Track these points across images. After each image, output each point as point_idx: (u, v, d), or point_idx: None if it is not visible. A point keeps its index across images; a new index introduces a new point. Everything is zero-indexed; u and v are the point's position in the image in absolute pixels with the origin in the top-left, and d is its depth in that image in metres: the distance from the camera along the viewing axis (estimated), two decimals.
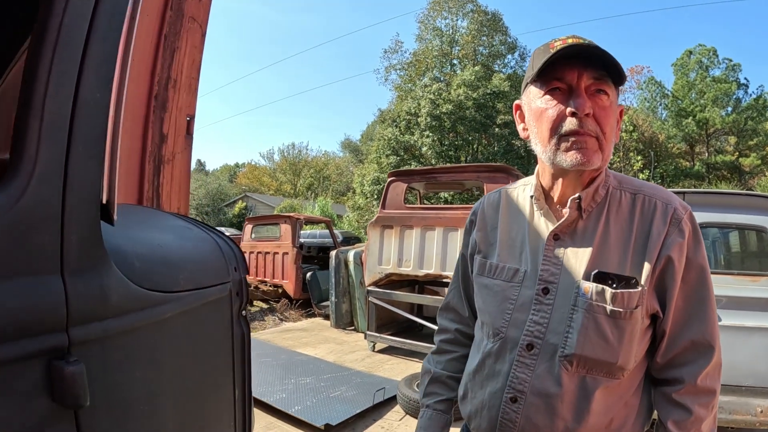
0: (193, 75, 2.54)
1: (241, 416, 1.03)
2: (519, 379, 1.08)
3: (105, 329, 0.66)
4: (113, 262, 0.69)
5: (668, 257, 1.06)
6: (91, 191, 0.67)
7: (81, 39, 0.64)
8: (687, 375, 1.09)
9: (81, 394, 0.59)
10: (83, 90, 0.65)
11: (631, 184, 1.16)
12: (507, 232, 1.23)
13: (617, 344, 1.04)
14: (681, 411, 1.08)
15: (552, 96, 1.06)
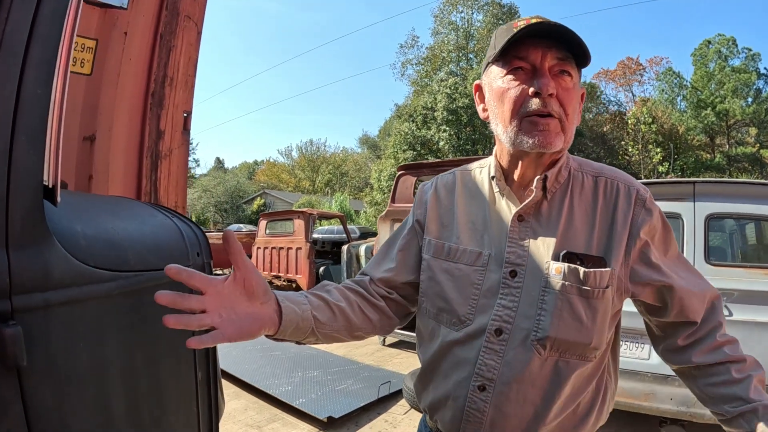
0: (189, 72, 2.61)
1: (206, 398, 1.08)
2: (488, 367, 1.03)
3: (46, 299, 0.74)
4: (57, 240, 0.76)
5: (641, 237, 1.05)
6: (33, 176, 0.73)
7: (22, 44, 0.70)
8: (712, 320, 1.09)
9: (19, 355, 0.67)
10: (25, 88, 0.71)
11: (590, 166, 1.14)
12: (466, 214, 1.17)
13: (591, 324, 1.02)
14: (731, 344, 1.07)
15: (515, 76, 1.02)
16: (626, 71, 39.95)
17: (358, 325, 1.14)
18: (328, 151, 58.33)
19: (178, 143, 2.54)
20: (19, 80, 0.71)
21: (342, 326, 1.11)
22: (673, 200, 3.76)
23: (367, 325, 1.17)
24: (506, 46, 1.00)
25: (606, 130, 36.19)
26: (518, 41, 0.99)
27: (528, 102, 0.99)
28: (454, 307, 1.10)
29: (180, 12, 2.54)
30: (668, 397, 3.22)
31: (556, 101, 0.99)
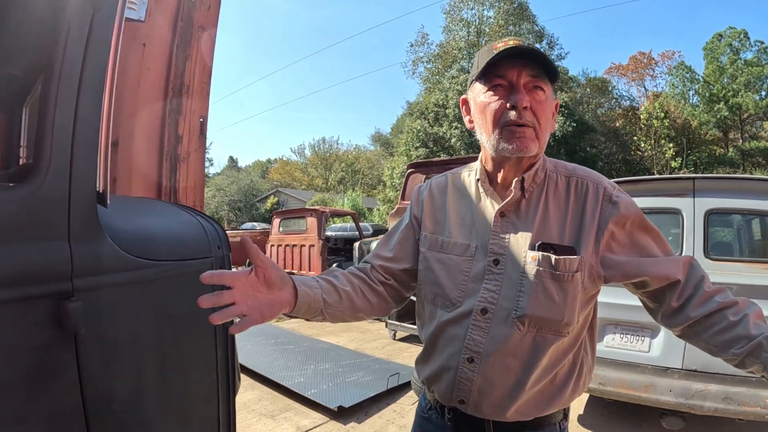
0: (204, 80, 2.79)
1: (225, 375, 1.26)
2: (475, 341, 1.19)
3: (98, 281, 0.94)
4: (107, 235, 0.94)
5: (610, 228, 1.19)
6: (88, 183, 0.92)
7: (76, 76, 0.88)
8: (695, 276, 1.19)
9: (78, 324, 0.86)
10: (80, 112, 0.90)
11: (564, 167, 1.30)
12: (456, 212, 1.34)
13: (562, 304, 1.17)
14: (721, 292, 1.17)
15: (494, 92, 1.18)
16: (638, 66, 39.57)
17: (360, 307, 1.32)
18: (341, 149, 58.59)
19: (195, 147, 2.73)
20: (75, 107, 0.90)
21: (347, 308, 1.29)
22: (673, 196, 3.82)
23: (367, 307, 1.34)
24: (487, 66, 1.17)
25: (618, 125, 35.88)
26: (498, 61, 1.16)
27: (506, 114, 1.16)
28: (447, 292, 1.27)
29: (195, 23, 2.73)
30: (668, 388, 3.31)
31: (530, 112, 1.16)
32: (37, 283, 0.85)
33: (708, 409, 3.15)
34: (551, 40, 34.54)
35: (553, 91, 1.26)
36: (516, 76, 1.16)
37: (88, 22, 0.95)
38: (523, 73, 1.16)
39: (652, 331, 3.60)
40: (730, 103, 31.55)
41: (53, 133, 0.87)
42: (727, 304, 1.15)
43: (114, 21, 0.98)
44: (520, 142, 1.16)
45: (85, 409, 0.94)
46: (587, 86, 38.72)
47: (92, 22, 0.95)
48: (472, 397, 1.20)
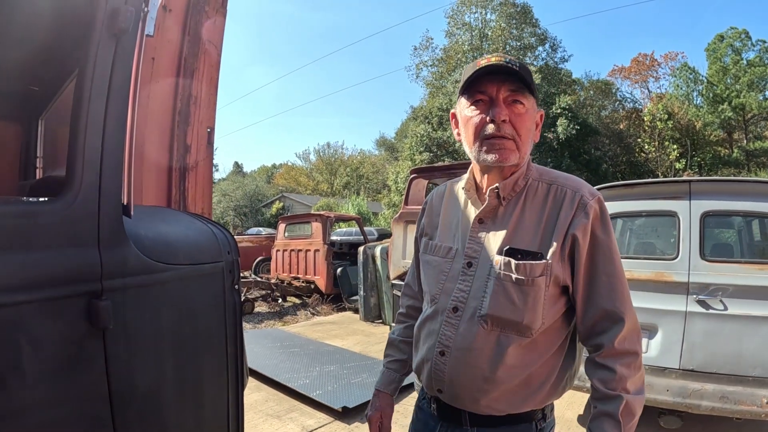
0: (211, 91, 2.92)
1: (234, 368, 1.39)
2: (446, 336, 1.29)
3: (124, 283, 1.07)
4: (132, 242, 1.06)
5: (574, 236, 1.24)
6: (115, 197, 1.04)
7: (103, 100, 1.01)
8: (606, 341, 1.23)
9: (108, 320, 0.99)
10: (107, 133, 1.03)
11: (549, 175, 1.36)
12: (445, 217, 1.45)
13: (522, 306, 1.22)
14: (605, 371, 1.22)
15: (476, 106, 1.27)
16: (641, 68, 39.54)
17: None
18: (346, 154, 58.67)
19: (203, 156, 2.86)
20: (103, 128, 1.02)
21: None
22: (669, 199, 3.89)
23: None
24: (467, 83, 1.27)
25: (622, 127, 35.83)
26: (480, 77, 1.25)
27: (486, 127, 1.25)
28: (430, 290, 1.39)
29: (201, 37, 2.86)
30: (665, 388, 3.38)
31: (509, 125, 1.24)
32: (72, 284, 0.99)
33: (705, 408, 3.22)
34: (554, 43, 34.58)
35: (537, 103, 1.34)
36: (495, 91, 1.24)
37: (113, 47, 1.07)
38: (503, 88, 1.24)
39: (649, 331, 3.67)
40: (733, 103, 31.38)
41: (84, 152, 1.00)
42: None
43: (136, 42, 1.11)
44: (500, 153, 1.24)
45: (111, 395, 1.06)
46: (590, 89, 38.66)
47: (117, 47, 1.08)
48: (446, 387, 1.30)
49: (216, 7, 2.98)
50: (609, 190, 4.15)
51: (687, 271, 3.57)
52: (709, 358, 3.33)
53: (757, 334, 3.23)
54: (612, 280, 1.26)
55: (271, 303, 9.93)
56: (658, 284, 3.66)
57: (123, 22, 1.06)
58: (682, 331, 3.46)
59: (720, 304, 3.40)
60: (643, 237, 4.94)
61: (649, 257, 4.04)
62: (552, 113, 28.48)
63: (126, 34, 1.08)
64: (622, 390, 1.20)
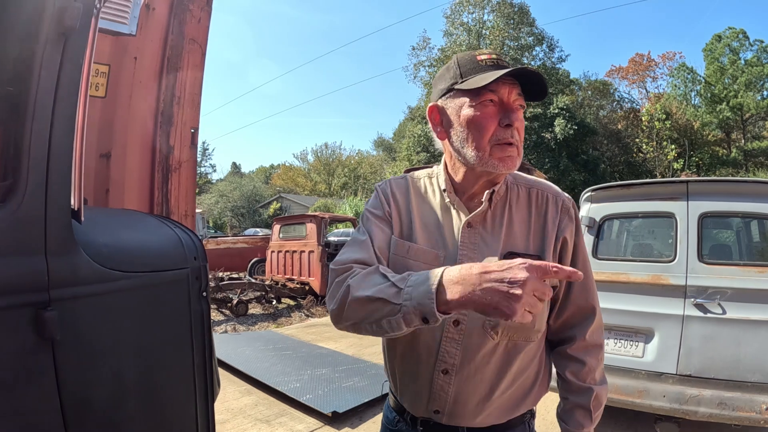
0: (195, 91, 2.84)
1: (203, 379, 1.31)
2: (449, 353, 1.20)
3: (74, 292, 1.01)
4: (82, 249, 0.99)
5: (564, 238, 1.26)
6: (63, 202, 0.97)
7: (50, 101, 0.94)
8: (578, 333, 1.30)
9: (54, 331, 0.94)
10: (55, 135, 0.96)
11: (523, 179, 1.34)
12: (420, 218, 1.31)
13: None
14: (576, 363, 1.29)
15: (486, 107, 1.17)
16: (638, 68, 39.56)
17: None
18: (344, 154, 58.67)
19: (186, 157, 2.78)
20: (49, 133, 0.96)
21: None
22: (666, 200, 3.83)
23: None
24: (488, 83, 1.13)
25: (620, 127, 35.89)
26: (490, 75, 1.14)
27: (499, 132, 1.17)
28: None
29: (185, 36, 2.78)
30: (661, 394, 3.31)
31: (516, 131, 1.19)
32: (17, 294, 0.92)
33: (702, 415, 3.15)
34: (551, 43, 34.61)
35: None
36: (507, 94, 1.17)
37: (61, 46, 0.99)
38: (513, 92, 1.18)
39: (645, 336, 3.61)
40: (731, 103, 31.41)
41: (29, 157, 0.92)
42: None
43: (87, 43, 1.03)
44: (510, 161, 1.18)
45: (63, 408, 1.00)
46: (588, 89, 38.73)
47: (66, 45, 1.00)
48: (448, 407, 1.22)
49: (201, 5, 2.91)
50: (605, 191, 4.09)
51: (684, 273, 3.51)
52: (707, 363, 3.27)
53: (756, 339, 3.16)
54: (587, 277, 1.30)
55: (265, 305, 9.85)
56: (655, 287, 3.60)
57: (71, 19, 0.98)
58: (679, 336, 3.39)
59: (718, 308, 3.33)
60: (639, 239, 4.88)
61: (646, 259, 3.97)
62: (550, 113, 28.53)
63: (75, 33, 1.00)
64: (591, 381, 1.30)
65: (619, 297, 3.74)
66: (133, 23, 2.61)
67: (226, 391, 4.79)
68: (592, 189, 4.14)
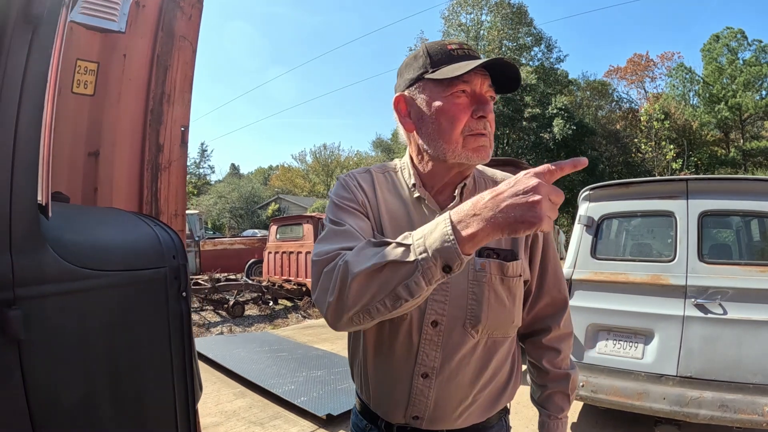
0: (185, 89, 2.79)
1: (182, 382, 1.25)
2: (429, 356, 1.15)
3: (41, 290, 0.97)
4: (49, 246, 0.95)
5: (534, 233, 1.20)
6: (30, 197, 0.92)
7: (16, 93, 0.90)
8: (552, 323, 1.35)
9: (18, 330, 0.90)
10: (21, 128, 0.91)
11: (492, 172, 1.34)
12: (389, 213, 1.24)
13: (512, 307, 1.21)
14: (552, 352, 1.36)
15: (458, 98, 1.12)
16: (637, 68, 39.61)
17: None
18: (342, 155, 58.63)
19: (176, 156, 2.73)
20: (15, 125, 0.90)
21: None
22: (666, 198, 3.79)
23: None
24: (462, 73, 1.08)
25: (619, 127, 35.94)
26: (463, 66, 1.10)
27: (471, 123, 1.13)
28: None
29: (175, 33, 2.73)
30: (662, 396, 3.27)
31: (489, 123, 1.15)
32: None
33: (703, 417, 3.10)
34: (549, 44, 34.62)
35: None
36: (480, 85, 1.14)
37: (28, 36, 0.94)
38: (486, 83, 1.15)
39: (645, 337, 3.56)
40: (730, 103, 31.51)
41: None
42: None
43: (56, 34, 0.98)
44: (484, 151, 1.15)
45: (31, 411, 0.95)
46: (587, 89, 38.78)
47: (33, 35, 0.95)
48: (428, 412, 1.17)
49: (191, 2, 2.86)
50: (604, 190, 4.04)
51: (684, 273, 3.47)
52: (708, 364, 3.22)
53: (758, 340, 3.12)
54: (557, 269, 1.35)
55: (261, 306, 9.79)
56: (655, 287, 3.55)
57: (38, 7, 0.94)
58: (679, 337, 3.34)
59: (719, 308, 3.29)
60: (639, 238, 4.83)
61: (645, 259, 3.92)
62: (548, 113, 28.53)
63: (42, 22, 0.95)
64: (566, 367, 1.37)
65: (618, 297, 3.71)
66: (122, 20, 2.57)
67: (220, 393, 4.74)
68: (590, 188, 4.09)
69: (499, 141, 30.32)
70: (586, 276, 3.87)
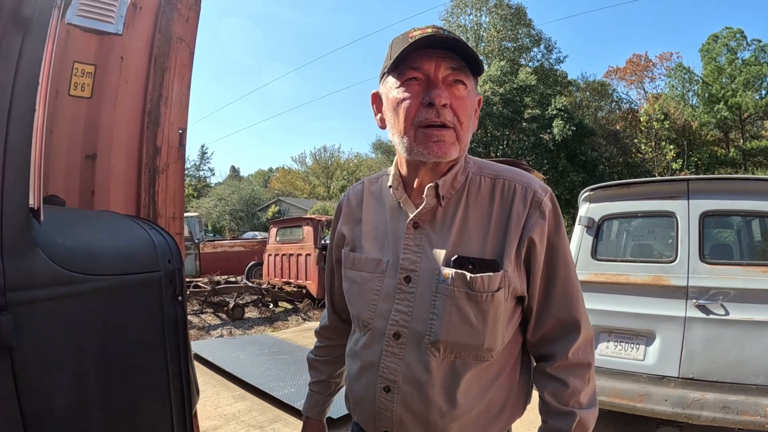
0: (183, 91, 2.78)
1: (178, 387, 1.24)
2: (389, 369, 1.08)
3: (32, 295, 0.95)
4: (41, 250, 0.93)
5: (530, 239, 1.06)
6: (21, 200, 0.91)
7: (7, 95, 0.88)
8: (559, 350, 1.11)
9: (9, 336, 0.88)
10: (12, 131, 0.90)
11: (490, 168, 1.16)
12: (370, 224, 1.21)
13: (482, 327, 1.04)
14: (557, 384, 1.10)
15: (409, 86, 1.04)
16: (636, 68, 39.62)
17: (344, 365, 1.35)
18: (342, 157, 58.66)
19: (174, 158, 2.71)
20: (6, 128, 0.89)
21: (340, 377, 1.48)
22: (666, 198, 3.76)
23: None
24: (400, 56, 1.02)
25: (619, 128, 35.94)
26: (413, 51, 1.02)
27: (421, 112, 1.02)
28: (360, 313, 1.16)
29: (173, 35, 2.72)
30: (663, 398, 3.23)
31: (449, 111, 1.02)
32: None
33: (705, 419, 3.07)
34: (549, 44, 34.65)
35: (476, 85, 1.13)
36: (434, 68, 1.02)
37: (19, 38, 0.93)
38: (442, 66, 1.03)
39: (647, 338, 3.54)
40: (729, 103, 31.43)
41: None
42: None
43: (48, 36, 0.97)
44: (438, 147, 1.03)
45: (24, 418, 0.94)
46: (586, 90, 38.79)
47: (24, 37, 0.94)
48: (396, 427, 1.09)
49: (189, 4, 2.85)
50: (604, 190, 4.02)
51: (686, 274, 3.44)
52: (710, 365, 3.19)
53: (761, 340, 3.09)
54: (568, 286, 1.12)
55: (261, 308, 9.77)
56: (656, 288, 3.53)
57: (28, 9, 0.92)
58: (681, 338, 3.32)
59: (721, 309, 3.26)
60: (639, 239, 4.80)
61: (646, 260, 3.90)
62: (548, 114, 28.54)
63: (34, 24, 0.94)
64: (575, 404, 1.09)
65: (619, 299, 3.68)
66: (119, 22, 2.56)
67: (220, 396, 4.72)
68: (590, 188, 4.07)
69: (499, 142, 30.37)
70: (586, 277, 3.85)
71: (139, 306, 1.15)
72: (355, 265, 1.19)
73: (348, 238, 1.25)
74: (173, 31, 2.71)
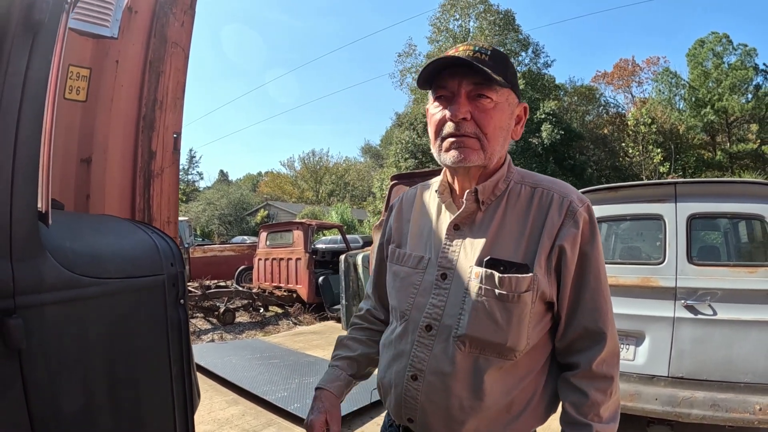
0: (178, 95, 2.78)
1: (181, 390, 1.25)
2: (419, 359, 1.15)
3: (41, 299, 0.96)
4: (49, 254, 0.94)
5: (561, 247, 1.12)
6: (30, 204, 0.92)
7: (17, 99, 0.89)
8: (583, 360, 1.14)
9: (20, 340, 0.89)
10: (21, 135, 0.90)
11: (532, 178, 1.24)
12: (417, 224, 1.32)
13: (506, 326, 1.09)
14: (578, 394, 1.13)
15: (438, 102, 1.17)
16: (623, 73, 40.04)
17: (377, 352, 1.38)
18: (331, 161, 58.62)
19: (169, 162, 2.72)
20: (15, 133, 0.90)
21: (370, 362, 1.43)
22: (654, 201, 3.82)
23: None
24: (426, 78, 1.17)
25: (606, 132, 36.27)
26: (441, 71, 1.15)
27: (446, 126, 1.15)
28: (399, 304, 1.25)
29: (168, 39, 2.73)
30: (654, 397, 3.29)
31: (471, 123, 1.12)
32: None
33: (695, 417, 3.12)
34: (536, 49, 34.90)
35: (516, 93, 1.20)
36: (456, 86, 1.13)
37: (29, 42, 0.94)
38: (464, 82, 1.13)
39: (636, 338, 3.59)
40: (716, 106, 31.78)
41: None
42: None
43: (57, 40, 0.98)
44: (459, 153, 1.13)
45: (32, 421, 0.94)
46: (574, 94, 39.10)
47: (34, 41, 0.95)
48: (418, 416, 1.16)
49: (184, 8, 2.86)
50: (593, 194, 4.07)
51: (674, 275, 3.50)
52: (699, 365, 3.25)
53: (748, 340, 3.15)
54: (597, 297, 1.16)
55: (252, 313, 9.73)
56: (645, 290, 3.58)
57: (39, 13, 0.94)
58: (670, 338, 3.37)
59: (709, 309, 3.32)
60: (628, 241, 4.87)
61: (635, 262, 3.95)
62: (536, 119, 28.71)
63: (43, 28, 0.95)
64: (593, 417, 1.11)
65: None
66: (115, 26, 2.56)
67: (213, 400, 4.70)
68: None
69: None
70: None
71: (144, 309, 1.16)
72: (400, 260, 1.30)
73: (395, 236, 1.38)
74: (168, 35, 2.72)
